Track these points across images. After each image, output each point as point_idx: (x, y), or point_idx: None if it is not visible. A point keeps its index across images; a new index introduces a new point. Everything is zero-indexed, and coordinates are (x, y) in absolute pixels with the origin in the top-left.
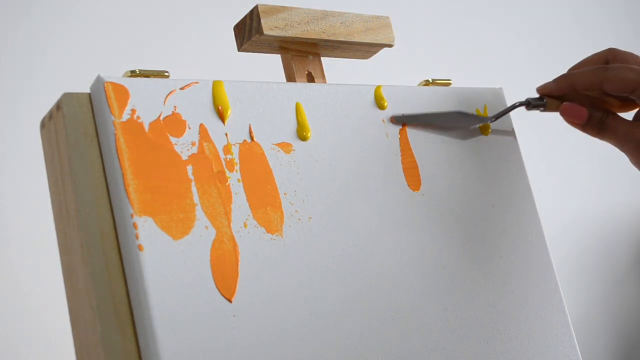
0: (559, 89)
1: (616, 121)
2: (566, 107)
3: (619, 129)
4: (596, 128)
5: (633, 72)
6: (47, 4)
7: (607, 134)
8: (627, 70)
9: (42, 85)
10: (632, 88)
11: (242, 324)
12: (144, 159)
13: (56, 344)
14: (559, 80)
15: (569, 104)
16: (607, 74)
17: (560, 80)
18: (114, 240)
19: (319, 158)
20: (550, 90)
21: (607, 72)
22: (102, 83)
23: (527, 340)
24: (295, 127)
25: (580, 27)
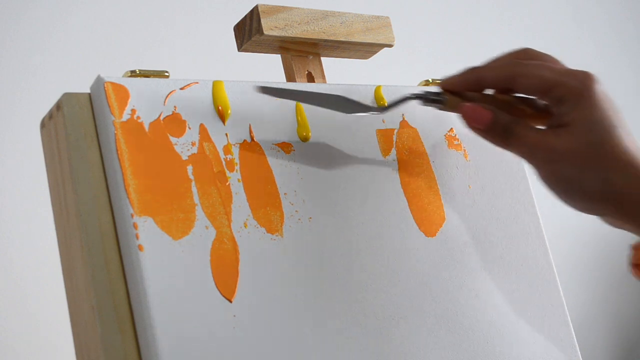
0: (463, 83)
1: (525, 128)
2: (467, 108)
3: (528, 138)
4: (501, 135)
5: (550, 71)
6: (47, 4)
7: (514, 143)
8: (544, 68)
9: (42, 85)
10: (547, 88)
11: (242, 324)
12: (144, 159)
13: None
14: (466, 74)
15: (471, 105)
16: (521, 69)
17: (467, 73)
18: (114, 240)
19: (319, 158)
20: (453, 85)
21: (521, 68)
22: (102, 83)
23: (527, 340)
24: (295, 127)
25: (580, 27)
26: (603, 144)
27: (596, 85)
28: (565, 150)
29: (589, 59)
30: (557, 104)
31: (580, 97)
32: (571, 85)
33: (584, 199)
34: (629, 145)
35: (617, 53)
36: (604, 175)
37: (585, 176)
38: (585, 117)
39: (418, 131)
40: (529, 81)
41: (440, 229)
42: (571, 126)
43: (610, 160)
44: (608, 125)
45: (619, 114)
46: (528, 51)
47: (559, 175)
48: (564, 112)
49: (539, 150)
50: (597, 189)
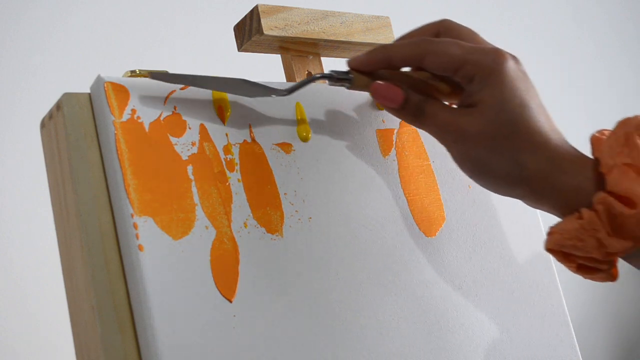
0: (371, 62)
1: (436, 107)
2: (378, 87)
3: (438, 117)
4: (413, 114)
5: (460, 48)
6: (47, 4)
7: (426, 122)
8: (454, 45)
9: (42, 85)
10: (457, 66)
11: (242, 324)
12: (144, 159)
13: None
14: (373, 53)
15: (381, 83)
16: (430, 47)
17: (376, 52)
18: (114, 240)
19: (319, 158)
20: (360, 64)
21: (430, 46)
22: (102, 83)
23: (527, 340)
24: (295, 127)
25: (580, 27)
26: (513, 124)
27: (507, 63)
28: (475, 131)
29: (589, 59)
30: (468, 83)
31: (490, 75)
32: (480, 63)
33: (497, 182)
34: (541, 125)
35: (617, 53)
36: (515, 157)
37: (496, 158)
38: (495, 96)
39: (418, 131)
40: (438, 59)
41: (440, 229)
42: (481, 106)
43: (521, 141)
44: (519, 104)
45: (531, 92)
46: (445, 23)
47: (469, 157)
48: (473, 91)
49: (448, 130)
50: (509, 171)
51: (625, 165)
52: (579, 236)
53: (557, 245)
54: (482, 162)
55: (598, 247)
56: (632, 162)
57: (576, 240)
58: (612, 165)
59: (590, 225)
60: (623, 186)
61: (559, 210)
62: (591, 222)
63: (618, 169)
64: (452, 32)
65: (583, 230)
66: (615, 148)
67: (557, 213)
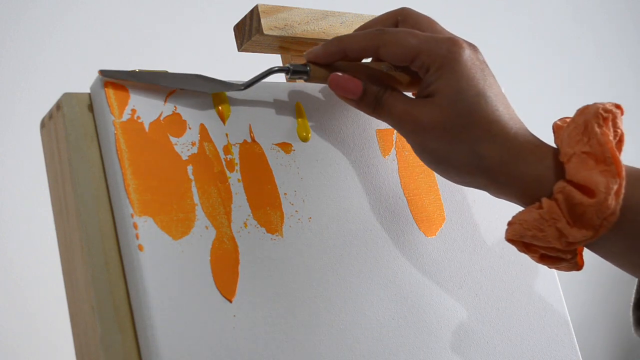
0: (327, 55)
1: (394, 98)
2: (335, 78)
3: (396, 108)
4: (371, 105)
5: (414, 38)
6: (47, 4)
7: (383, 113)
8: (408, 35)
9: (42, 85)
10: (412, 57)
11: (242, 324)
12: (144, 159)
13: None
14: (328, 45)
15: (338, 75)
16: (384, 37)
17: (329, 44)
18: (114, 240)
19: (319, 158)
20: (316, 56)
21: (384, 36)
22: (102, 83)
23: (527, 340)
24: (295, 127)
25: (580, 27)
26: (470, 114)
27: (463, 52)
28: (431, 122)
29: (589, 59)
30: (424, 73)
31: (445, 65)
32: (435, 52)
33: (457, 172)
34: (499, 114)
35: (617, 53)
36: (473, 147)
37: (454, 148)
38: (451, 86)
39: None
40: (393, 50)
41: (440, 229)
42: (437, 96)
43: (479, 131)
44: (476, 93)
45: (489, 81)
46: (404, 11)
47: (427, 148)
48: (430, 81)
49: (405, 121)
50: (468, 162)
51: (584, 154)
52: (538, 226)
53: (517, 235)
54: (440, 152)
55: (559, 237)
56: (591, 150)
57: (536, 230)
58: (571, 154)
59: (550, 215)
60: (582, 175)
61: (520, 200)
62: (551, 212)
63: (577, 157)
64: (410, 21)
65: (543, 220)
66: (575, 136)
67: (519, 203)
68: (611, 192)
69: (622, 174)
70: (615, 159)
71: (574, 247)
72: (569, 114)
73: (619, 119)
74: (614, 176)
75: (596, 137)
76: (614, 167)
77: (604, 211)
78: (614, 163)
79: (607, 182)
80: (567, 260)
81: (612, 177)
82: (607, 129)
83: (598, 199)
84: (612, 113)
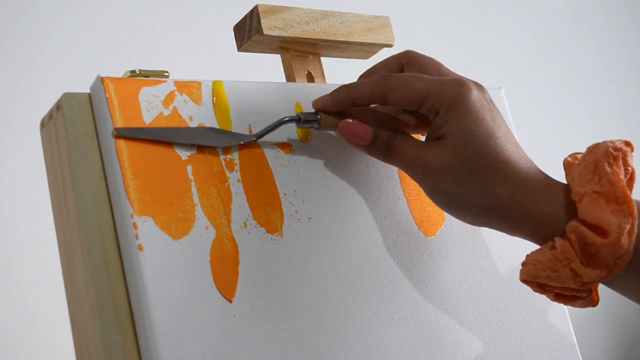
0: (336, 103)
1: (404, 142)
2: (346, 126)
3: (406, 152)
4: (382, 151)
5: (421, 82)
6: (47, 4)
7: (395, 158)
8: (415, 79)
9: (42, 85)
10: (420, 101)
11: (242, 324)
12: (144, 159)
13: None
14: (337, 93)
15: (348, 122)
16: (391, 83)
17: (338, 93)
18: (114, 240)
19: (319, 158)
20: (325, 105)
21: (392, 81)
22: (102, 83)
23: (527, 340)
24: (295, 127)
25: (580, 27)
26: (482, 156)
27: (470, 93)
28: (443, 165)
29: (589, 59)
30: (434, 116)
31: (454, 107)
32: (443, 95)
33: (470, 213)
34: (510, 154)
35: (617, 53)
36: (485, 188)
37: (466, 190)
38: (460, 129)
39: None
40: (401, 95)
41: (440, 229)
42: (447, 139)
43: (491, 172)
44: (485, 134)
45: (497, 120)
46: (409, 54)
47: (440, 191)
48: (440, 124)
49: (416, 165)
50: (480, 203)
51: (595, 193)
52: (552, 267)
53: (531, 276)
54: (453, 195)
55: (573, 277)
56: (602, 190)
57: (550, 271)
58: (582, 193)
59: (564, 255)
60: (594, 215)
61: (534, 239)
62: (564, 252)
63: (589, 197)
64: (415, 64)
65: (556, 261)
66: (585, 175)
67: (533, 241)
68: (624, 231)
69: (634, 213)
70: (627, 198)
71: (588, 286)
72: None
73: (629, 157)
74: (626, 215)
75: (607, 176)
76: (625, 206)
77: (617, 251)
78: (626, 202)
79: (620, 222)
80: (582, 298)
81: (624, 216)
82: (618, 167)
83: (611, 239)
84: (622, 151)
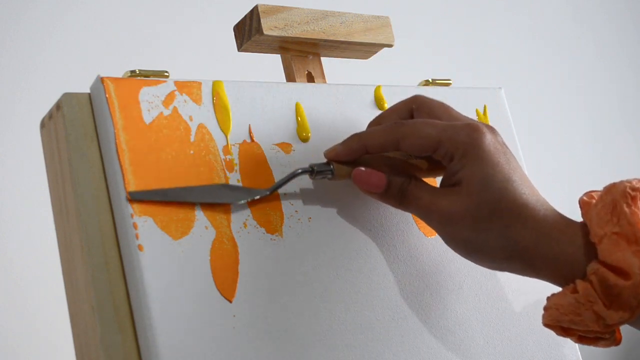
0: (349, 153)
1: (418, 189)
2: (359, 174)
3: (422, 200)
4: (396, 198)
5: (433, 128)
6: (47, 4)
7: (410, 205)
8: (427, 125)
9: (42, 85)
10: (434, 147)
11: (242, 324)
12: (144, 159)
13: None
14: (349, 143)
15: (362, 170)
16: (403, 131)
17: (350, 142)
18: (114, 240)
19: (319, 158)
20: (337, 155)
21: (404, 129)
22: (102, 83)
23: (527, 340)
24: (295, 127)
25: (580, 27)
26: (499, 201)
27: (484, 137)
28: (460, 212)
29: (589, 59)
30: (448, 162)
31: (468, 152)
32: (457, 141)
33: (491, 259)
34: (527, 197)
35: (617, 53)
36: (505, 233)
37: (485, 236)
38: (476, 175)
39: None
40: (414, 142)
41: None
42: (463, 185)
43: (510, 217)
44: (502, 179)
45: (512, 163)
46: (417, 99)
47: (459, 238)
48: (454, 170)
49: (432, 212)
50: (500, 248)
51: (615, 235)
52: (575, 310)
53: (555, 320)
54: (472, 242)
55: (596, 319)
56: (621, 231)
57: (573, 315)
58: (602, 234)
59: (586, 298)
60: (615, 257)
61: (555, 281)
62: (586, 295)
63: (608, 238)
64: (425, 109)
65: (579, 304)
66: (604, 216)
67: (553, 283)
68: None
69: None
70: None
71: (612, 328)
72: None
73: None
74: None
75: (626, 217)
76: None
77: None
78: None
79: None
80: (605, 338)
81: None
82: (636, 207)
83: (634, 281)
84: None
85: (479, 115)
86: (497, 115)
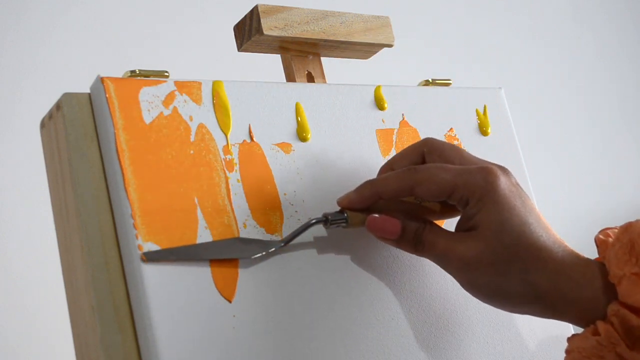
0: (362, 200)
1: (434, 234)
2: (373, 221)
3: (438, 245)
4: (412, 244)
5: (448, 173)
6: (47, 4)
7: (426, 251)
8: (441, 170)
9: (42, 85)
10: (448, 192)
11: (242, 324)
12: (144, 159)
13: (56, 344)
14: (362, 190)
15: (376, 217)
16: (417, 177)
17: (363, 190)
18: (114, 240)
19: (319, 158)
20: (351, 203)
21: (417, 175)
22: (102, 83)
23: (527, 340)
24: (295, 127)
25: (580, 27)
26: (517, 245)
27: (499, 181)
28: (477, 257)
29: (589, 59)
30: (463, 206)
31: (484, 196)
32: (472, 185)
33: (513, 304)
34: (544, 240)
35: (617, 53)
36: (524, 277)
37: (505, 281)
38: (493, 219)
39: (418, 131)
40: (429, 187)
41: None
42: (480, 229)
43: (528, 260)
44: (519, 223)
45: (528, 205)
46: (429, 143)
47: (478, 283)
48: (470, 214)
49: (450, 259)
50: (521, 293)
51: (634, 275)
52: (597, 353)
53: None
54: (491, 287)
55: None
56: None
57: (596, 357)
58: (621, 275)
59: (608, 340)
60: (635, 298)
61: (575, 322)
62: (608, 337)
63: (627, 279)
64: (437, 152)
65: (601, 347)
66: (622, 257)
67: (574, 324)
68: None
69: None
70: None
71: None
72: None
73: None
74: None
75: None
76: None
77: None
78: None
79: None
80: None
81: None
82: None
83: None
84: None
85: (479, 115)
86: (497, 115)
